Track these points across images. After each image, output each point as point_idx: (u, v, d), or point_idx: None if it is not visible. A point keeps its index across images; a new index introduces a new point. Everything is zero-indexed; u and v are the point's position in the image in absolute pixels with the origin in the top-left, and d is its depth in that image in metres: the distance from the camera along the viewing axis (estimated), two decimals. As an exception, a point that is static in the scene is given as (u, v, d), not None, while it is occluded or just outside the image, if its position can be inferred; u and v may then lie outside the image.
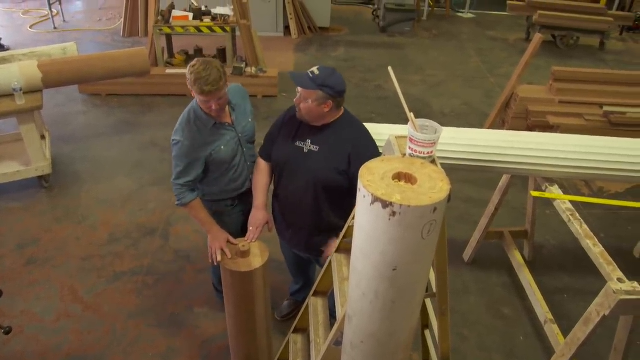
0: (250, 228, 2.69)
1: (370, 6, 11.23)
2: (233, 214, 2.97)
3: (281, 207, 2.81)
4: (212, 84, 2.42)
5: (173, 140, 2.66)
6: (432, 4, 11.21)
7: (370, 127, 2.78)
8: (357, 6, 11.57)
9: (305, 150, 2.56)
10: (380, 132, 2.83)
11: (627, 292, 2.32)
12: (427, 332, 2.50)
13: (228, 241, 2.69)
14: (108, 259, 3.95)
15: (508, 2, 9.64)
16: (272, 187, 2.85)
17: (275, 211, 2.88)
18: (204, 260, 3.93)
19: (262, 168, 2.78)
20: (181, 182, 2.67)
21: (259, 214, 2.74)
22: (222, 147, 2.69)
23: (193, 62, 2.47)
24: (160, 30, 6.64)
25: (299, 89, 2.45)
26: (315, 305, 2.36)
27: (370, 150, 2.51)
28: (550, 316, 3.27)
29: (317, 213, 2.63)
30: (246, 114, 2.84)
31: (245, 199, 2.97)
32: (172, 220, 4.37)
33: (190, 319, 3.49)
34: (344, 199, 2.59)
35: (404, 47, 9.03)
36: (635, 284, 2.39)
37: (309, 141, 2.56)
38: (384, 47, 8.97)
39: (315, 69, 2.41)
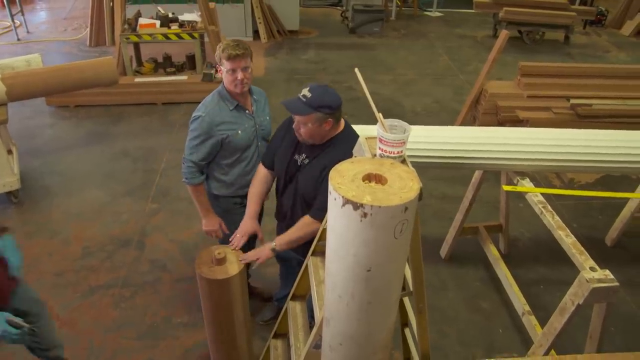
0: (237, 235, 2.70)
1: (339, 8, 11.28)
2: (242, 213, 2.94)
3: (277, 214, 2.86)
4: (240, 47, 2.59)
5: (194, 116, 2.75)
6: (400, 3, 11.31)
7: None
8: (326, 8, 11.61)
9: (299, 163, 2.56)
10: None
11: (600, 281, 2.37)
12: (407, 330, 2.50)
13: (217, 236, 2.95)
14: (82, 274, 3.87)
15: (474, -1, 9.78)
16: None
17: (276, 217, 2.92)
18: (180, 269, 3.90)
19: (261, 176, 2.79)
20: (194, 158, 2.76)
21: (249, 222, 2.75)
22: (240, 131, 2.77)
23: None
24: (128, 38, 6.57)
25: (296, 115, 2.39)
26: (294, 309, 2.35)
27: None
28: (527, 308, 3.32)
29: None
30: (265, 112, 2.94)
31: None
32: (146, 231, 4.31)
33: (169, 330, 3.44)
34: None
35: (373, 48, 9.08)
36: (607, 271, 2.43)
37: (304, 154, 2.54)
38: (354, 48, 9.01)
39: (305, 92, 2.33)
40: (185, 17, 6.91)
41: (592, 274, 2.41)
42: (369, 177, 1.37)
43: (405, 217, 1.28)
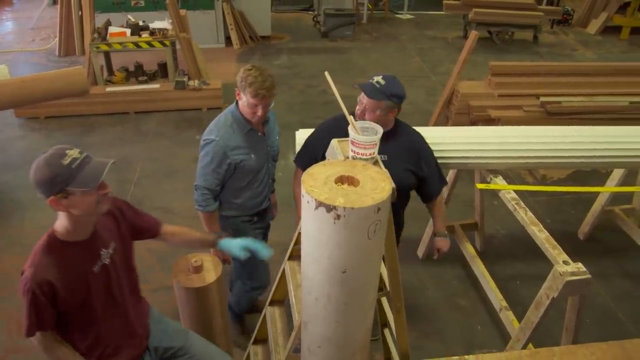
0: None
1: (311, 12, 11.30)
2: (252, 231, 2.92)
3: None
4: (268, 89, 2.48)
5: (205, 140, 2.64)
6: (371, 6, 11.38)
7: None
8: (297, 13, 11.63)
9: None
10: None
11: (573, 274, 2.41)
12: (386, 331, 2.52)
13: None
14: (57, 287, 3.79)
15: (444, 1, 9.90)
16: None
17: None
18: (158, 279, 3.85)
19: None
20: (208, 185, 2.66)
21: None
22: (253, 155, 2.68)
23: (248, 67, 2.52)
24: (98, 47, 6.48)
25: (364, 100, 2.46)
26: (273, 314, 2.34)
27: (429, 149, 2.73)
28: (504, 303, 3.36)
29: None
30: (274, 132, 2.88)
31: (264, 216, 2.99)
32: (122, 242, 4.25)
33: (148, 341, 3.39)
34: (407, 196, 2.82)
35: (346, 51, 9.13)
36: (580, 264, 2.48)
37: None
38: (327, 52, 9.04)
39: (379, 79, 2.43)
40: (156, 24, 6.85)
41: (565, 267, 2.46)
42: (341, 179, 1.38)
43: (378, 218, 1.29)
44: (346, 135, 2.47)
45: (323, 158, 2.48)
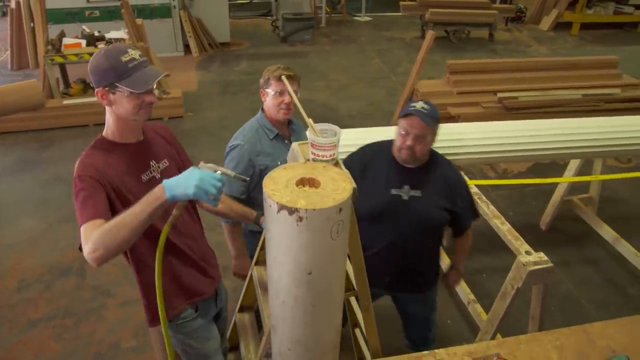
0: None
1: (269, 17, 11.30)
2: None
3: (375, 257, 2.47)
4: (290, 71, 2.50)
5: (231, 146, 2.62)
6: (329, 10, 11.46)
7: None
8: (256, 18, 11.62)
9: (405, 198, 2.38)
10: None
11: (535, 263, 2.48)
12: (357, 331, 2.53)
13: None
14: (20, 307, 3.69)
15: (401, 2, 10.04)
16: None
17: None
18: (125, 292, 3.78)
19: None
20: (234, 193, 2.55)
21: None
22: (279, 162, 2.59)
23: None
24: (52, 60, 6.33)
25: (414, 129, 2.25)
26: (243, 321, 2.33)
27: (463, 181, 2.59)
28: (472, 297, 3.42)
29: (419, 255, 2.57)
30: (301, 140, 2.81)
31: None
32: (86, 257, 4.16)
33: (118, 356, 3.33)
34: (440, 233, 2.66)
35: (306, 55, 9.16)
36: (541, 254, 2.55)
37: (406, 187, 2.38)
38: (287, 57, 9.05)
39: (423, 104, 2.29)
40: (112, 34, 6.73)
41: (528, 257, 2.52)
42: (302, 182, 1.39)
43: (341, 218, 1.30)
44: (382, 165, 2.42)
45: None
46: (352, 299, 2.36)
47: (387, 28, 11.09)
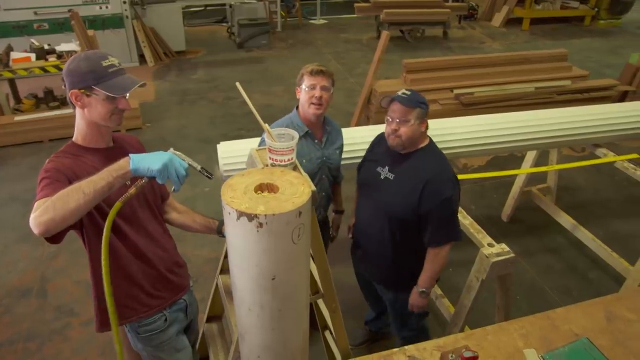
0: None
1: (224, 24, 11.22)
2: None
3: (356, 225, 2.84)
4: (323, 66, 2.62)
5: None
6: (284, 14, 11.45)
7: (239, 143, 2.78)
8: (211, 25, 11.52)
9: (382, 177, 2.54)
10: (245, 147, 2.84)
11: (498, 255, 2.52)
12: (327, 333, 2.52)
13: None
14: (-22, 334, 3.56)
15: (355, 4, 10.12)
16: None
17: (354, 226, 2.90)
18: (89, 310, 3.67)
19: None
20: None
21: None
22: (304, 160, 2.63)
23: None
24: (0, 75, 6.13)
25: (394, 114, 2.42)
26: (211, 330, 2.30)
27: (445, 192, 2.40)
28: (439, 291, 3.46)
29: (383, 243, 2.58)
30: (334, 145, 2.85)
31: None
32: (47, 276, 4.04)
33: (84, 377, 3.25)
34: (412, 233, 2.50)
35: (263, 60, 9.13)
36: (504, 245, 2.60)
37: (387, 167, 2.53)
38: (244, 63, 9.01)
39: (405, 91, 2.45)
40: (63, 47, 6.55)
41: (491, 249, 2.56)
42: (260, 188, 1.38)
43: (301, 222, 1.30)
44: (383, 144, 2.55)
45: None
46: (320, 301, 2.35)
47: (343, 30, 11.15)
